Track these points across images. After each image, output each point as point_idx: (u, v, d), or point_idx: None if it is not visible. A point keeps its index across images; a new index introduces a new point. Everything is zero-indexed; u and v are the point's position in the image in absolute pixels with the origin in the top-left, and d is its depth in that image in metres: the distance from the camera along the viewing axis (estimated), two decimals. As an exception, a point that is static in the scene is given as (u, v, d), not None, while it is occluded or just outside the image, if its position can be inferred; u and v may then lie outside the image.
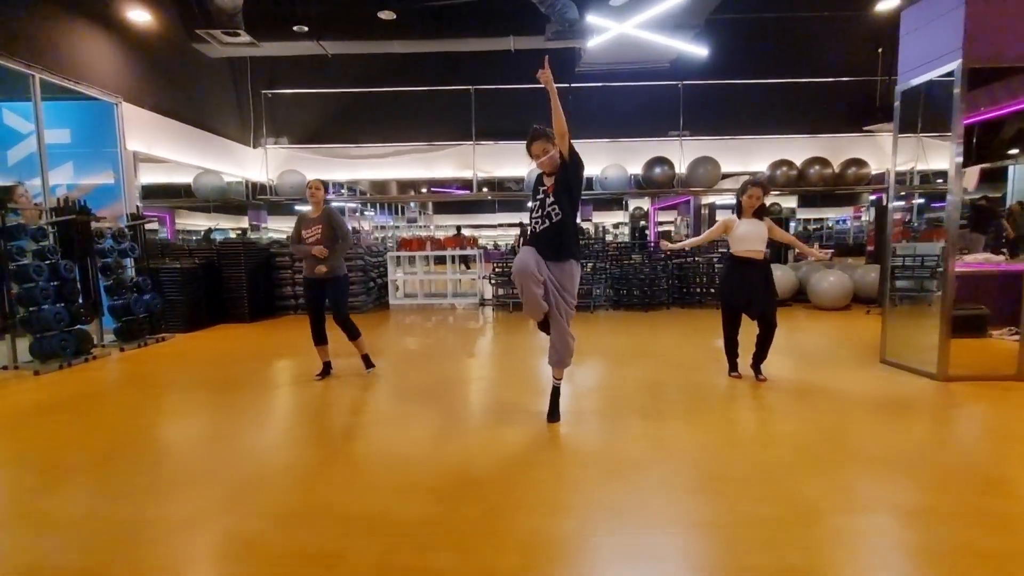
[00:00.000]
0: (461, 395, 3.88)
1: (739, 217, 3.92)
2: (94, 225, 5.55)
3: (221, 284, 7.32)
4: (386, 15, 6.89)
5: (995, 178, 8.64)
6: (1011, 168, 7.64)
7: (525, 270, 2.74)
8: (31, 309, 4.68)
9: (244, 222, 15.67)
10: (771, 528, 1.97)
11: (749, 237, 3.80)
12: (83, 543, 1.96)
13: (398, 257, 9.48)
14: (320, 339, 4.17)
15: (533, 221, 2.94)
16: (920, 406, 3.42)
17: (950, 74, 3.79)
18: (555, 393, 3.16)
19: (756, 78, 9.35)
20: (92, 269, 5.40)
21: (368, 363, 4.33)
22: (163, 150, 7.26)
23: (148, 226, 6.75)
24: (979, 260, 6.27)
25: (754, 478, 2.39)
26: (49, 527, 2.08)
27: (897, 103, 4.38)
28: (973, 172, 6.32)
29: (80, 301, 5.13)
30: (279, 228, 18.43)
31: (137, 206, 6.40)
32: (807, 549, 1.84)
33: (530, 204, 3.01)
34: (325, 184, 4.20)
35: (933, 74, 3.94)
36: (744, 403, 3.52)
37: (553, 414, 3.12)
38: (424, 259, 9.68)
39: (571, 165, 2.84)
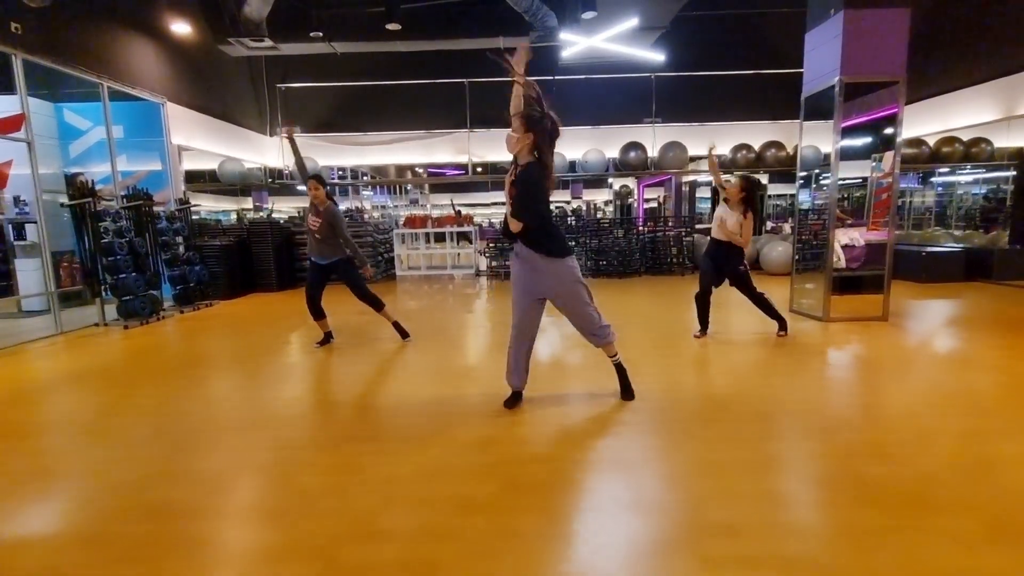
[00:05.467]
0: (459, 345, 5.10)
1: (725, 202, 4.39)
2: (153, 208, 6.68)
3: (251, 258, 8.48)
4: (393, 27, 7.89)
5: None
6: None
7: None
8: (117, 277, 5.85)
9: (246, 203, 16.73)
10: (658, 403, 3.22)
11: (715, 223, 4.42)
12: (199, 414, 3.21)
13: (403, 234, 10.65)
14: (318, 315, 4.60)
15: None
16: (795, 336, 4.67)
17: (834, 86, 4.95)
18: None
19: (721, 70, 10.41)
20: (155, 245, 6.56)
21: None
22: (198, 142, 8.33)
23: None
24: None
25: (655, 374, 3.64)
26: (192, 404, 3.32)
27: (802, 110, 5.54)
28: (889, 156, 7.47)
29: (152, 271, 6.30)
30: (280, 208, 19.53)
31: (184, 191, 7.51)
32: (671, 399, 3.09)
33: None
34: (322, 180, 4.36)
35: (824, 85, 5.10)
36: (673, 334, 4.76)
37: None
38: (426, 236, 10.86)
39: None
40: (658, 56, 8.46)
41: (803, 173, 5.80)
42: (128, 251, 5.99)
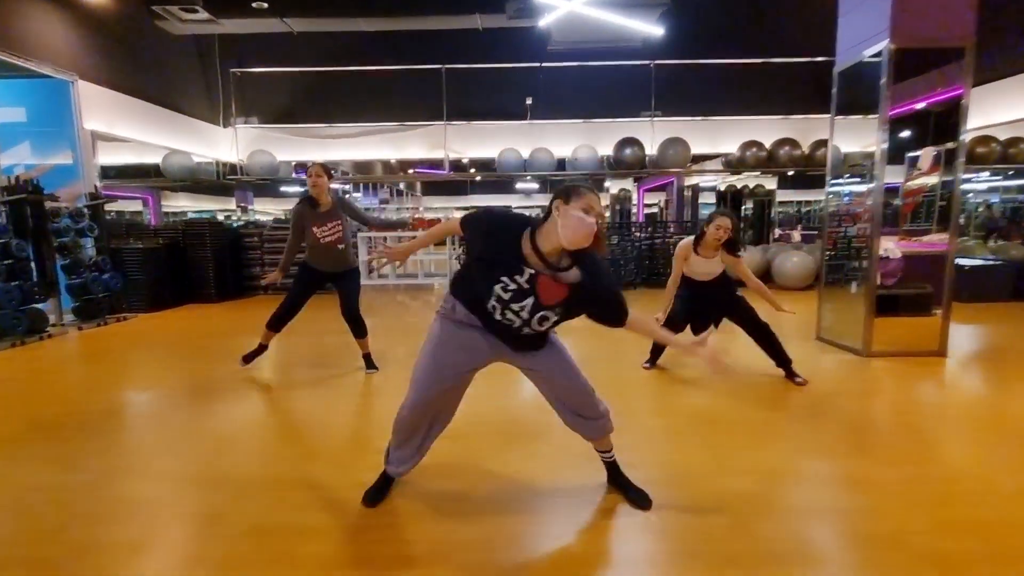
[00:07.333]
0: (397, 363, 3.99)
1: (696, 250, 3.35)
2: (50, 205, 5.57)
3: (187, 264, 7.35)
4: (343, -7, 6.83)
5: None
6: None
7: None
8: (-19, 288, 4.73)
9: (227, 203, 15.63)
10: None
11: (702, 270, 3.42)
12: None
13: (370, 238, 9.53)
14: (280, 327, 3.68)
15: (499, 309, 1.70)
16: (827, 379, 3.53)
17: (880, 54, 3.83)
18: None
19: (728, 58, 9.30)
20: (47, 248, 5.44)
21: (369, 363, 3.81)
22: (125, 129, 7.22)
23: (111, 205, 6.78)
24: (933, 241, 6.33)
25: (640, 446, 2.51)
26: (-44, 491, 2.18)
27: (834, 87, 4.42)
28: (928, 154, 6.34)
29: (34, 280, 5.19)
30: (265, 210, 18.44)
31: (96, 185, 6.40)
32: (669, 508, 1.96)
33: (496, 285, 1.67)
34: (327, 169, 3.43)
35: (864, 54, 3.98)
36: (666, 381, 3.63)
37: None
38: (396, 240, 9.72)
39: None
40: (657, 30, 7.35)
41: (847, 175, 4.67)
42: (2, 255, 4.87)
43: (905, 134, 4.71)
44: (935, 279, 5.58)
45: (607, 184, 14.48)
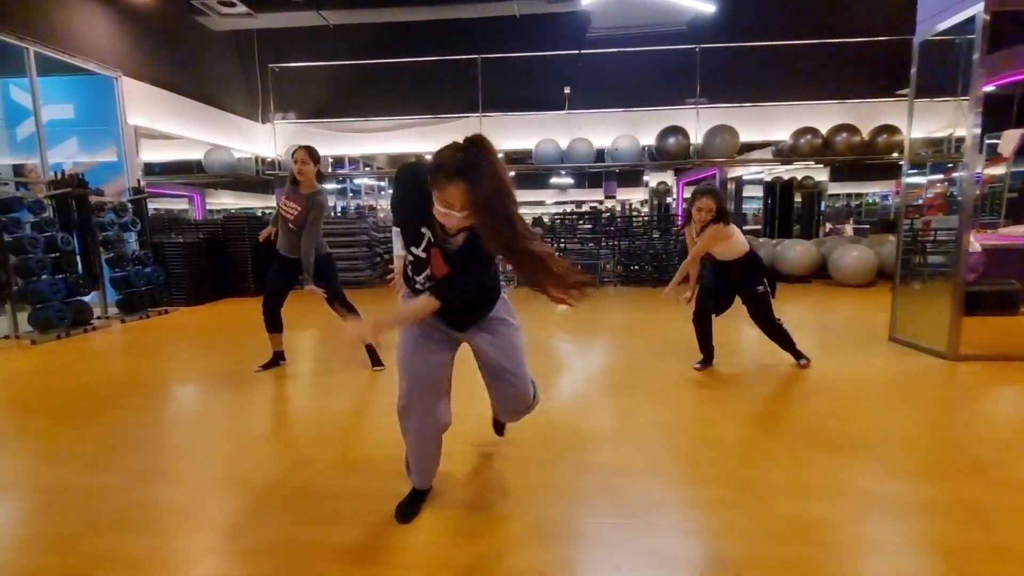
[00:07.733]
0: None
1: (695, 232, 3.29)
2: (95, 199, 5.65)
3: (226, 259, 7.41)
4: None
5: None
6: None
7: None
8: (29, 280, 4.81)
9: (269, 201, 15.88)
10: (709, 511, 1.82)
11: (716, 250, 3.29)
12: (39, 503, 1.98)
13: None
14: (276, 324, 3.61)
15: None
16: (912, 386, 3.14)
17: (972, 20, 3.38)
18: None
19: (779, 40, 8.74)
20: (92, 242, 5.52)
21: (375, 360, 3.60)
22: (167, 125, 7.32)
23: (156, 202, 6.87)
24: (1019, 233, 5.75)
25: (705, 459, 2.23)
26: (-19, 489, 2.10)
27: (914, 65, 3.95)
28: (1012, 136, 5.72)
29: (79, 273, 5.26)
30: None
31: (139, 180, 6.49)
32: (745, 533, 1.68)
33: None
34: (312, 155, 3.32)
35: (952, 21, 3.53)
36: (723, 382, 3.31)
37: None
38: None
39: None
40: (708, 7, 6.90)
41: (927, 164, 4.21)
42: (46, 249, 4.95)
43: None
44: (1020, 275, 5.02)
45: (645, 177, 13.94)
